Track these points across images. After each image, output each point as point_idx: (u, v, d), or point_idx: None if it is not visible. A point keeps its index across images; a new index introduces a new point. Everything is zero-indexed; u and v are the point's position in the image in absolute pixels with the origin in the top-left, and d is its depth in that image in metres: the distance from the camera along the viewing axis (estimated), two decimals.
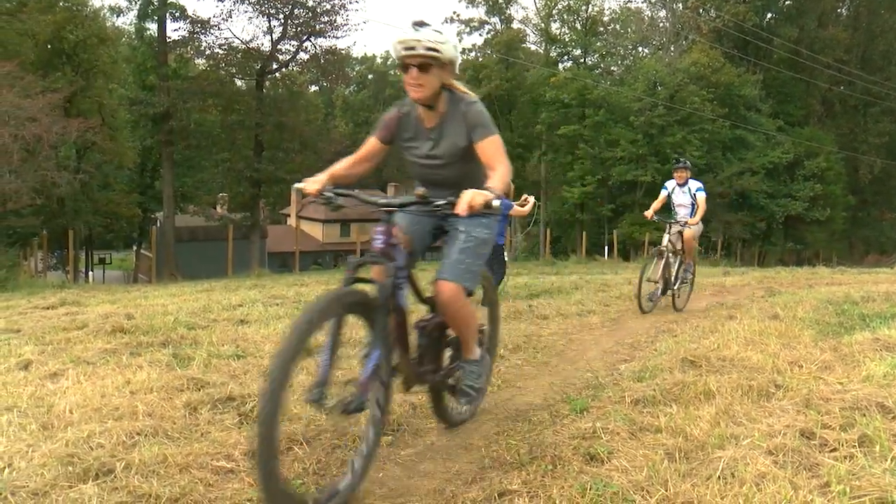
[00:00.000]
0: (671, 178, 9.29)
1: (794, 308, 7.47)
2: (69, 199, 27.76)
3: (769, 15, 45.28)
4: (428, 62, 3.06)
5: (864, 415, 3.45)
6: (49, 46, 30.18)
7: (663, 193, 9.25)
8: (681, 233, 8.87)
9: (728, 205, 37.27)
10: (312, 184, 3.15)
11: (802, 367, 4.60)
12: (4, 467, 2.99)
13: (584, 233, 32.73)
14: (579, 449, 3.24)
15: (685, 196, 9.06)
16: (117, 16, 31.81)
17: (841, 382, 4.12)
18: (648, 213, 8.87)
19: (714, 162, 37.35)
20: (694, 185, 9.06)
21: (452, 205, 2.89)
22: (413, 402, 4.03)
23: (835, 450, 3.11)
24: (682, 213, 9.08)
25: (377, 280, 2.98)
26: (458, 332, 3.44)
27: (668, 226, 8.95)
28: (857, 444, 3.12)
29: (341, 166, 3.37)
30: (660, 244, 8.89)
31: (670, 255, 8.67)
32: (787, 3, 45.34)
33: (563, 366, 5.37)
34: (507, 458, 3.22)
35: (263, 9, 29.09)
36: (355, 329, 3.38)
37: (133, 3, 29.36)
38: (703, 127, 36.58)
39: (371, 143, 3.40)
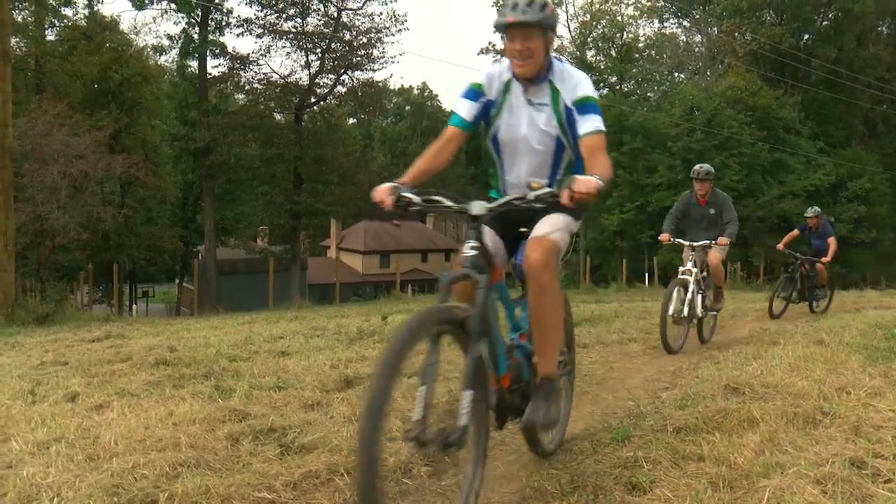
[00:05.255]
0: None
1: (840, 333, 7.28)
2: (114, 234, 28.39)
3: (806, 36, 44.84)
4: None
5: None
6: (95, 86, 31.16)
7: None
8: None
9: (769, 229, 36.71)
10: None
11: (851, 393, 4.48)
12: (53, 497, 3.04)
13: (623, 260, 32.51)
14: (621, 478, 3.19)
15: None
16: (160, 54, 32.66)
17: (893, 409, 4.00)
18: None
19: (754, 186, 36.89)
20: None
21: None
22: None
23: (889, 480, 3.01)
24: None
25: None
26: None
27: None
28: None
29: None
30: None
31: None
32: (824, 23, 44.85)
33: (604, 394, 5.30)
34: (549, 488, 3.18)
35: (301, 44, 29.67)
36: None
37: (175, 41, 30.20)
38: (741, 151, 36.21)
39: None
